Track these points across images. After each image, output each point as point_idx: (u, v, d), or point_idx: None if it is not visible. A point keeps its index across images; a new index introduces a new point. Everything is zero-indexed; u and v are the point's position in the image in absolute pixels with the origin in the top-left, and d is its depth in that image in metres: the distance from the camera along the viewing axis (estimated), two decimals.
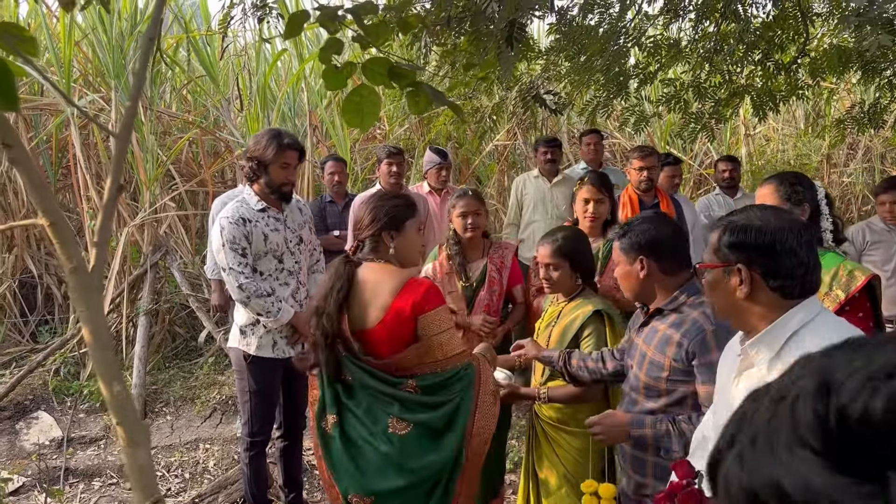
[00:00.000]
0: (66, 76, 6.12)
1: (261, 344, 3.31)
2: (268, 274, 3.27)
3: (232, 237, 3.13)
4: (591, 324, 2.66)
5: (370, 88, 1.68)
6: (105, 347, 1.18)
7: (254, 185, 3.28)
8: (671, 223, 2.34)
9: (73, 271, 1.21)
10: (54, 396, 5.35)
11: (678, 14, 4.96)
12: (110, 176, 1.25)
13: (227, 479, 3.86)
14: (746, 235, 1.55)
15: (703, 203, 5.52)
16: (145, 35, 1.41)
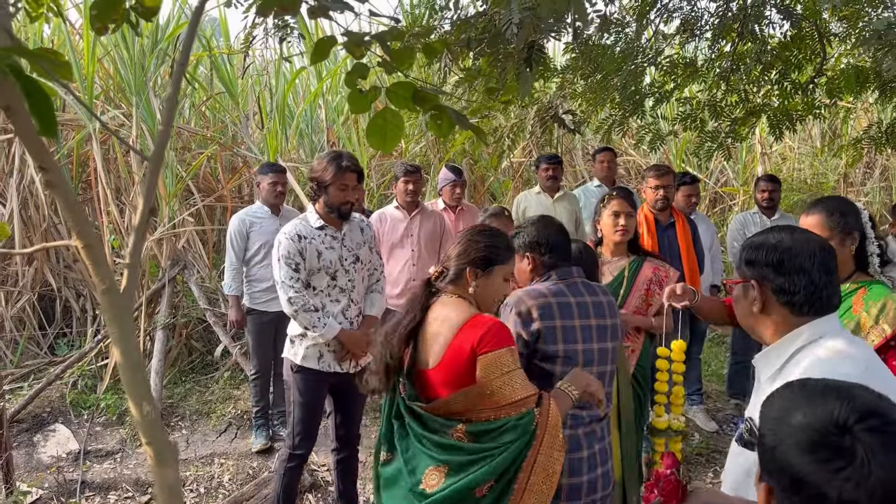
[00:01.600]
0: (88, 92, 6.22)
1: (307, 354, 3.39)
2: (320, 290, 3.37)
3: (287, 252, 3.28)
4: None
5: (394, 112, 1.70)
6: (136, 368, 1.20)
7: (315, 204, 3.40)
8: (555, 224, 2.60)
9: (106, 292, 1.24)
10: (72, 409, 5.38)
11: (694, 34, 4.98)
12: (142, 199, 1.28)
13: (242, 495, 3.87)
14: (758, 253, 1.64)
15: (738, 221, 5.49)
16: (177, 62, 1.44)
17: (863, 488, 0.88)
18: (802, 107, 5.15)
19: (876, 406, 0.94)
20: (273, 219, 4.74)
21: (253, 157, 6.80)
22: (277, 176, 4.73)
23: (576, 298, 2.44)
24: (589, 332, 2.41)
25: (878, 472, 0.88)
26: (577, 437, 2.39)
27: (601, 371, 2.46)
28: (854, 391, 0.96)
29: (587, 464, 2.39)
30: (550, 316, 2.35)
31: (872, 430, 0.90)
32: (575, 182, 8.59)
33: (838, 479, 0.90)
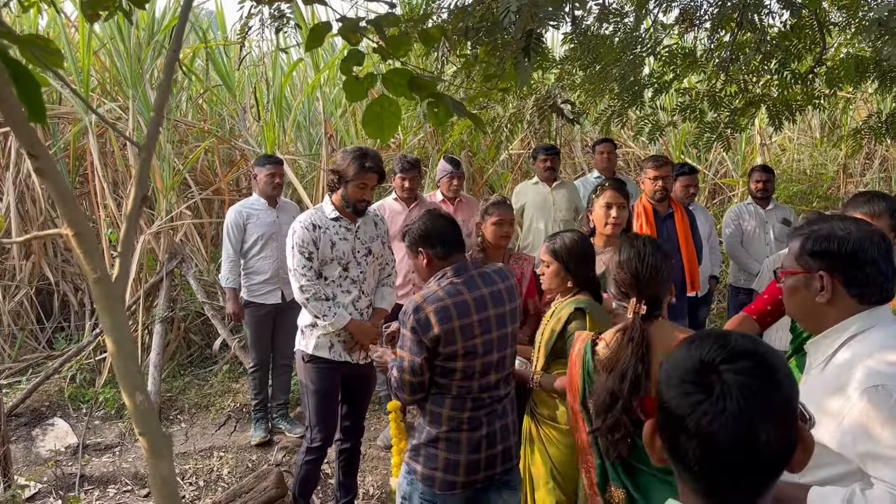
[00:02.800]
0: (84, 85, 6.18)
1: (318, 344, 3.44)
2: (331, 280, 3.41)
3: (301, 241, 3.32)
4: (573, 321, 2.73)
5: (391, 100, 1.68)
6: (128, 358, 1.18)
7: (333, 195, 3.43)
8: (443, 216, 2.66)
9: (97, 282, 1.22)
10: (70, 403, 5.37)
11: (693, 23, 4.95)
12: (134, 187, 1.26)
13: (241, 487, 3.86)
14: (830, 244, 1.63)
15: (733, 212, 5.49)
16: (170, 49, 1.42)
17: (717, 423, 0.93)
18: (802, 97, 5.12)
19: (748, 350, 0.98)
20: (270, 211, 4.72)
21: (250, 150, 6.77)
22: (275, 168, 4.71)
23: (472, 294, 2.49)
24: (487, 323, 2.49)
25: (732, 407, 0.93)
26: (479, 418, 2.52)
27: (501, 356, 2.55)
28: (733, 337, 1.01)
29: (486, 441, 2.54)
30: (448, 319, 2.40)
31: (736, 372, 0.95)
32: (574, 174, 8.56)
33: (697, 411, 0.95)
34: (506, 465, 2.62)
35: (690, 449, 0.96)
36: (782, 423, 0.96)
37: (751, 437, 0.93)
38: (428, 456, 2.53)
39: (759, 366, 0.97)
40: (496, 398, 2.58)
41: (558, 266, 2.84)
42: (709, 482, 0.98)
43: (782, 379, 0.98)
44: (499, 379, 2.56)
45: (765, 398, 0.94)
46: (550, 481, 2.78)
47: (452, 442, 2.51)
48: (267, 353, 4.85)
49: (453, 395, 2.49)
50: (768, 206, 5.36)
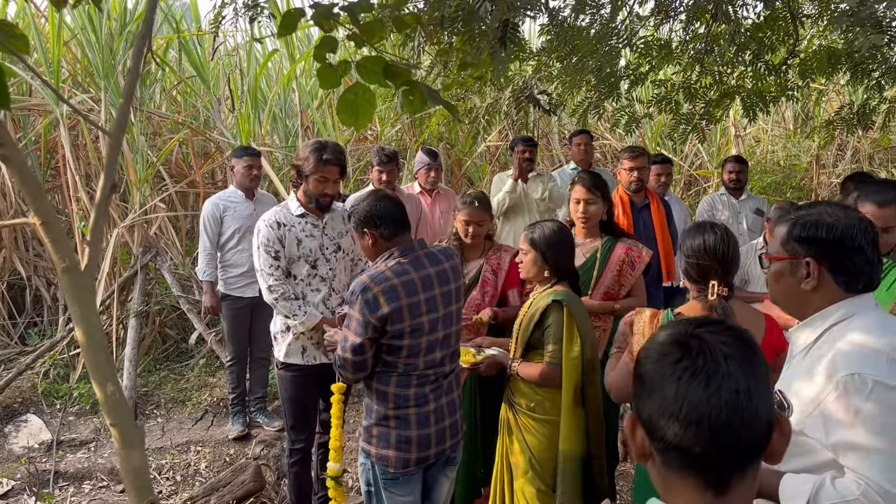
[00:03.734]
0: (55, 76, 6.07)
1: (289, 350, 3.38)
2: (300, 278, 3.34)
3: (266, 240, 3.25)
4: (550, 313, 2.77)
5: (365, 87, 1.67)
6: (98, 348, 1.17)
7: (298, 191, 3.35)
8: (387, 196, 2.64)
9: (66, 271, 1.20)
10: (44, 399, 5.30)
11: (669, 15, 4.97)
12: (103, 174, 1.24)
13: (219, 481, 3.83)
14: (818, 231, 1.62)
15: (706, 202, 5.53)
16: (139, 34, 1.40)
17: (698, 378, 0.94)
18: (775, 88, 5.17)
19: (722, 321, 1.01)
20: (247, 203, 4.68)
21: (225, 142, 6.70)
22: (252, 160, 4.67)
23: (418, 273, 2.52)
24: (434, 302, 2.53)
25: (712, 363, 0.95)
26: (425, 394, 2.58)
27: (447, 333, 2.60)
28: (704, 317, 1.04)
29: (434, 416, 2.60)
30: (396, 298, 2.44)
31: (713, 332, 0.98)
32: (552, 165, 8.58)
33: (677, 370, 0.95)
34: (453, 439, 2.70)
35: (676, 417, 0.94)
36: (762, 383, 0.95)
37: (733, 392, 0.93)
38: (380, 435, 2.58)
39: (734, 330, 0.99)
40: (441, 374, 2.63)
41: (536, 255, 2.86)
42: (694, 456, 0.95)
43: (755, 347, 0.99)
44: (444, 356, 2.61)
45: (743, 357, 0.95)
46: (529, 470, 2.81)
47: (401, 419, 2.55)
48: (244, 346, 4.82)
49: (399, 373, 2.53)
50: (741, 197, 5.41)
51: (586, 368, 2.75)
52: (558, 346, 2.74)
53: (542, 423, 2.80)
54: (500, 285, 3.50)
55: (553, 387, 2.77)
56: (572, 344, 2.73)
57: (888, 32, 4.22)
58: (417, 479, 2.65)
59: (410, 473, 2.60)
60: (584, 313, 2.80)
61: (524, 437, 2.84)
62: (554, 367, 2.75)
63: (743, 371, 0.94)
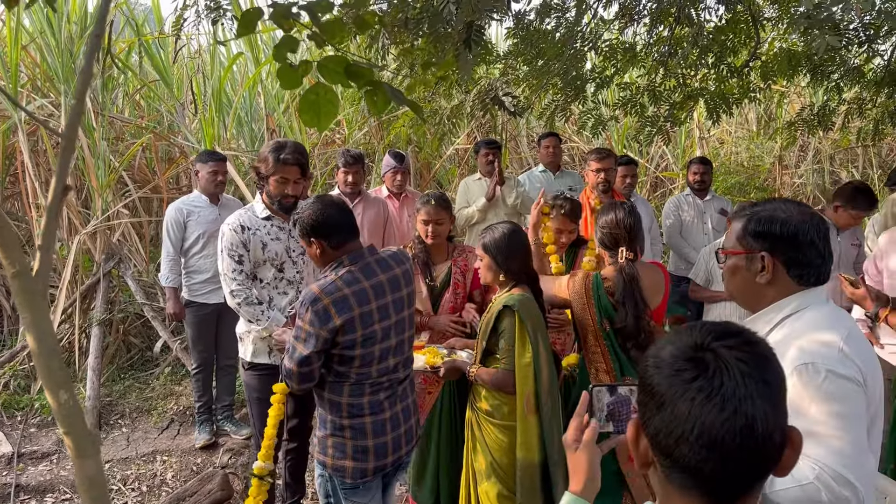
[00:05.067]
0: (13, 81, 5.94)
1: (256, 350, 3.34)
2: (266, 282, 3.29)
3: (229, 244, 3.18)
4: (503, 318, 2.79)
5: (327, 87, 1.65)
6: (51, 354, 1.13)
7: (263, 194, 3.28)
8: (335, 205, 2.55)
9: (16, 276, 1.16)
10: (4, 411, 5.17)
11: (633, 18, 5.03)
12: (55, 175, 1.20)
13: (185, 490, 3.77)
14: (772, 226, 1.66)
15: (672, 203, 5.60)
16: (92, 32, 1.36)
17: (713, 401, 0.89)
18: (738, 90, 5.25)
19: (738, 331, 0.96)
20: (212, 208, 4.62)
21: (190, 146, 6.61)
22: (217, 165, 4.61)
23: (370, 281, 2.47)
24: (386, 310, 2.49)
25: (730, 384, 0.90)
26: (380, 401, 2.54)
27: (399, 339, 2.57)
28: (722, 323, 0.99)
29: (390, 423, 2.58)
30: (348, 308, 2.38)
31: (730, 347, 0.93)
32: (521, 168, 8.62)
33: (691, 390, 0.91)
34: (409, 445, 2.68)
35: (687, 438, 0.91)
36: (779, 405, 0.93)
37: (750, 417, 0.89)
38: (335, 446, 2.54)
39: (751, 343, 0.95)
40: (396, 380, 2.61)
41: (489, 260, 2.87)
42: (703, 476, 0.92)
43: (773, 360, 0.96)
44: (398, 362, 2.58)
45: (761, 375, 0.92)
46: (492, 475, 2.82)
47: (357, 429, 2.51)
48: (210, 353, 4.75)
49: (352, 382, 2.49)
50: (706, 197, 5.49)
51: (539, 375, 2.75)
52: (511, 351, 2.75)
53: (501, 428, 2.82)
54: (469, 286, 3.51)
55: (507, 392, 2.79)
56: (524, 350, 2.73)
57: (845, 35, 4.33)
58: (377, 483, 2.64)
59: (369, 482, 2.58)
60: (537, 318, 2.81)
61: (486, 440, 2.85)
62: (507, 372, 2.76)
63: (760, 392, 0.90)
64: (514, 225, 2.96)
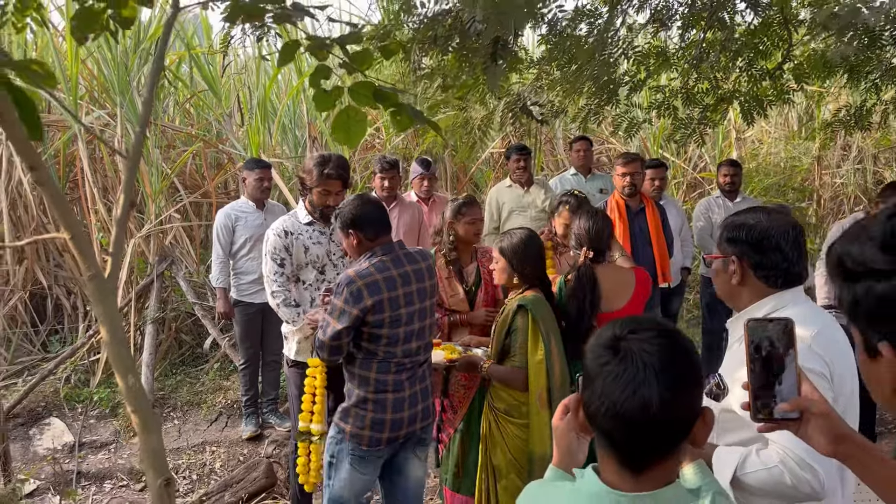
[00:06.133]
0: (73, 93, 6.31)
1: (299, 349, 3.55)
2: (308, 283, 3.52)
3: (273, 248, 3.44)
4: (517, 318, 2.95)
5: (357, 109, 1.84)
6: (120, 344, 1.35)
7: (305, 201, 3.53)
8: (371, 201, 2.90)
9: (92, 278, 1.38)
10: (65, 403, 5.51)
11: (664, 24, 5.10)
12: (122, 194, 1.42)
13: (232, 478, 4.02)
14: (739, 232, 1.83)
15: (702, 205, 5.66)
16: (153, 67, 1.58)
17: (618, 381, 1.10)
18: (773, 92, 5.28)
19: (654, 326, 1.15)
20: (258, 213, 4.87)
21: (237, 154, 6.91)
22: (263, 171, 4.86)
23: (398, 270, 2.79)
24: (410, 296, 2.80)
25: (632, 368, 1.09)
26: (401, 381, 2.85)
27: (421, 325, 2.87)
28: (646, 319, 1.19)
29: (408, 401, 2.87)
30: (378, 291, 2.70)
31: (640, 340, 1.12)
32: (556, 170, 8.73)
33: (604, 371, 1.12)
34: (423, 422, 2.97)
35: (600, 410, 1.12)
36: (678, 388, 1.10)
37: (646, 398, 1.08)
38: (357, 416, 2.83)
39: (661, 337, 1.13)
40: (417, 363, 2.91)
41: (505, 263, 3.04)
42: (615, 442, 1.13)
43: (683, 353, 1.14)
44: (419, 346, 2.89)
45: (662, 364, 1.10)
46: (511, 471, 2.97)
47: (379, 403, 2.81)
48: (256, 350, 5.01)
49: (380, 360, 2.79)
50: (736, 199, 5.53)
51: (552, 372, 2.89)
52: (524, 350, 2.91)
53: (518, 426, 2.97)
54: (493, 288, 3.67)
55: (519, 389, 2.94)
56: (536, 348, 2.88)
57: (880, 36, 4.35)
58: (382, 458, 2.93)
59: (380, 451, 2.87)
60: (550, 318, 2.95)
61: (504, 438, 2.99)
62: (519, 370, 2.92)
63: (661, 379, 1.09)
64: (530, 231, 3.12)
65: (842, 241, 0.93)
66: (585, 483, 1.18)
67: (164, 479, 1.36)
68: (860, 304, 0.89)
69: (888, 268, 0.84)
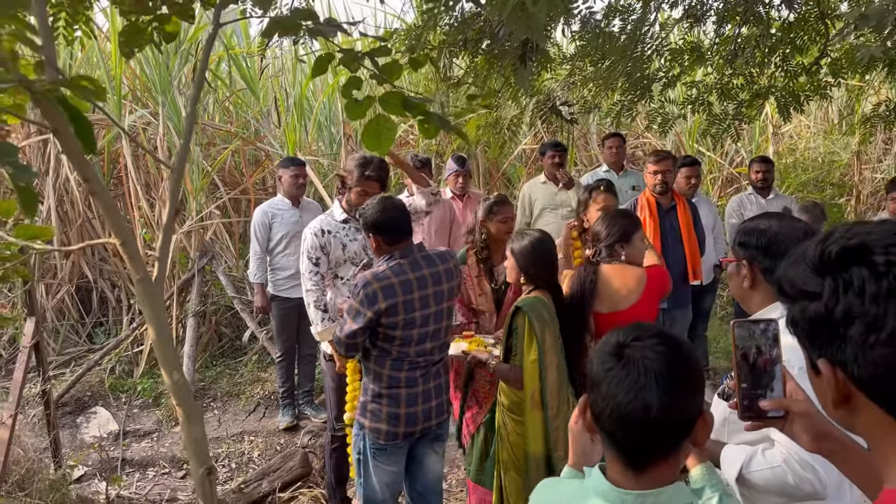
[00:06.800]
0: (117, 93, 6.52)
1: None
2: (347, 279, 3.62)
3: (309, 247, 3.57)
4: (516, 319, 3.01)
5: (386, 118, 1.92)
6: (166, 343, 1.45)
7: (342, 200, 3.64)
8: (394, 205, 2.95)
9: (140, 281, 1.49)
10: (110, 393, 5.72)
11: (698, 19, 5.08)
12: (168, 203, 1.52)
13: (269, 467, 4.16)
14: (750, 237, 1.87)
15: (734, 202, 5.63)
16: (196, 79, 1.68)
17: (621, 386, 1.18)
18: (809, 87, 5.22)
19: (657, 333, 1.22)
20: (294, 210, 5.00)
21: (274, 152, 7.07)
22: (298, 169, 4.99)
23: (415, 273, 2.86)
24: (426, 299, 2.88)
25: (634, 374, 1.17)
26: (415, 378, 2.96)
27: (437, 327, 2.96)
28: (650, 325, 1.26)
29: (422, 397, 2.98)
30: (393, 295, 2.78)
31: (642, 347, 1.20)
32: (590, 165, 8.73)
33: (608, 377, 1.20)
34: (439, 418, 3.08)
35: (605, 412, 1.20)
36: (678, 393, 1.18)
37: (647, 402, 1.16)
38: (373, 411, 2.95)
39: (662, 344, 1.20)
40: (431, 362, 3.02)
41: (513, 262, 3.11)
42: (618, 442, 1.21)
43: (681, 359, 1.21)
44: (434, 347, 2.99)
45: (662, 369, 1.17)
46: (511, 468, 3.06)
47: (392, 398, 2.92)
48: (292, 343, 5.14)
49: (393, 358, 2.90)
50: (769, 196, 5.49)
51: (544, 374, 2.93)
52: (520, 349, 2.97)
53: (517, 423, 3.04)
54: None
55: (515, 387, 3.01)
56: (530, 349, 2.93)
57: None
58: (403, 452, 3.05)
59: (398, 445, 2.99)
60: (547, 320, 2.95)
61: (507, 434, 3.07)
62: (515, 368, 3.00)
63: (660, 384, 1.16)
64: (543, 234, 3.13)
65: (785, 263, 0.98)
66: (592, 480, 1.26)
67: (207, 469, 1.46)
68: (798, 323, 0.94)
69: (818, 289, 0.88)
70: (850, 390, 0.88)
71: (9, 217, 2.22)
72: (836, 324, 0.85)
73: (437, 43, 3.34)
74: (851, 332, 0.83)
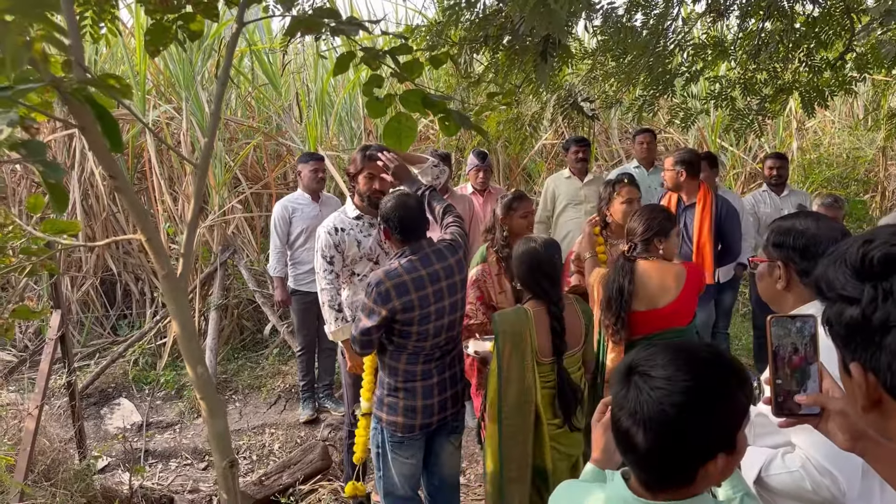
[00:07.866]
0: (141, 88, 6.60)
1: None
2: (362, 275, 3.60)
3: (323, 245, 3.56)
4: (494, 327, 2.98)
5: (407, 115, 1.94)
6: (191, 337, 1.48)
7: (354, 197, 3.62)
8: (409, 207, 2.94)
9: (165, 277, 1.51)
10: (134, 385, 5.81)
11: (721, 14, 5.04)
12: (192, 201, 1.55)
13: (290, 460, 4.20)
14: (787, 237, 1.83)
15: (749, 200, 5.57)
16: (219, 80, 1.70)
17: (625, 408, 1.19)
18: (834, 83, 5.16)
19: (665, 362, 1.20)
20: (313, 205, 5.03)
21: (296, 147, 7.11)
22: (317, 164, 5.02)
23: (426, 269, 2.90)
24: (440, 293, 2.93)
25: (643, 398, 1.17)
26: (430, 370, 3.01)
27: (451, 319, 3.01)
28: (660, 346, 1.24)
29: (437, 388, 3.02)
30: (406, 292, 2.83)
31: (648, 376, 1.19)
32: (611, 160, 8.69)
33: (618, 402, 1.21)
34: (454, 408, 3.12)
35: (619, 427, 1.21)
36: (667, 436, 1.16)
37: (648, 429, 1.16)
38: (390, 405, 3.00)
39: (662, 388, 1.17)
40: (446, 352, 3.08)
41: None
42: (632, 461, 1.22)
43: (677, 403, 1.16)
44: (448, 338, 3.05)
45: (661, 399, 1.16)
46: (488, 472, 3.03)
47: (409, 391, 2.98)
48: (312, 337, 5.18)
49: (409, 352, 2.96)
50: (783, 193, 5.43)
51: (503, 387, 2.86)
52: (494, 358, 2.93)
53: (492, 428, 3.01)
54: None
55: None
56: (493, 360, 2.90)
57: None
58: (420, 444, 3.09)
59: (415, 437, 3.03)
60: (517, 334, 2.85)
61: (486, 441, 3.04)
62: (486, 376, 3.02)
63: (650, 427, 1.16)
64: (544, 243, 2.96)
65: (824, 262, 0.96)
66: (613, 487, 1.26)
67: (229, 461, 1.49)
68: (833, 325, 0.92)
69: (857, 295, 0.86)
70: (880, 395, 0.87)
71: (37, 212, 2.27)
72: (873, 331, 0.84)
73: (458, 39, 3.34)
74: (888, 341, 0.82)
